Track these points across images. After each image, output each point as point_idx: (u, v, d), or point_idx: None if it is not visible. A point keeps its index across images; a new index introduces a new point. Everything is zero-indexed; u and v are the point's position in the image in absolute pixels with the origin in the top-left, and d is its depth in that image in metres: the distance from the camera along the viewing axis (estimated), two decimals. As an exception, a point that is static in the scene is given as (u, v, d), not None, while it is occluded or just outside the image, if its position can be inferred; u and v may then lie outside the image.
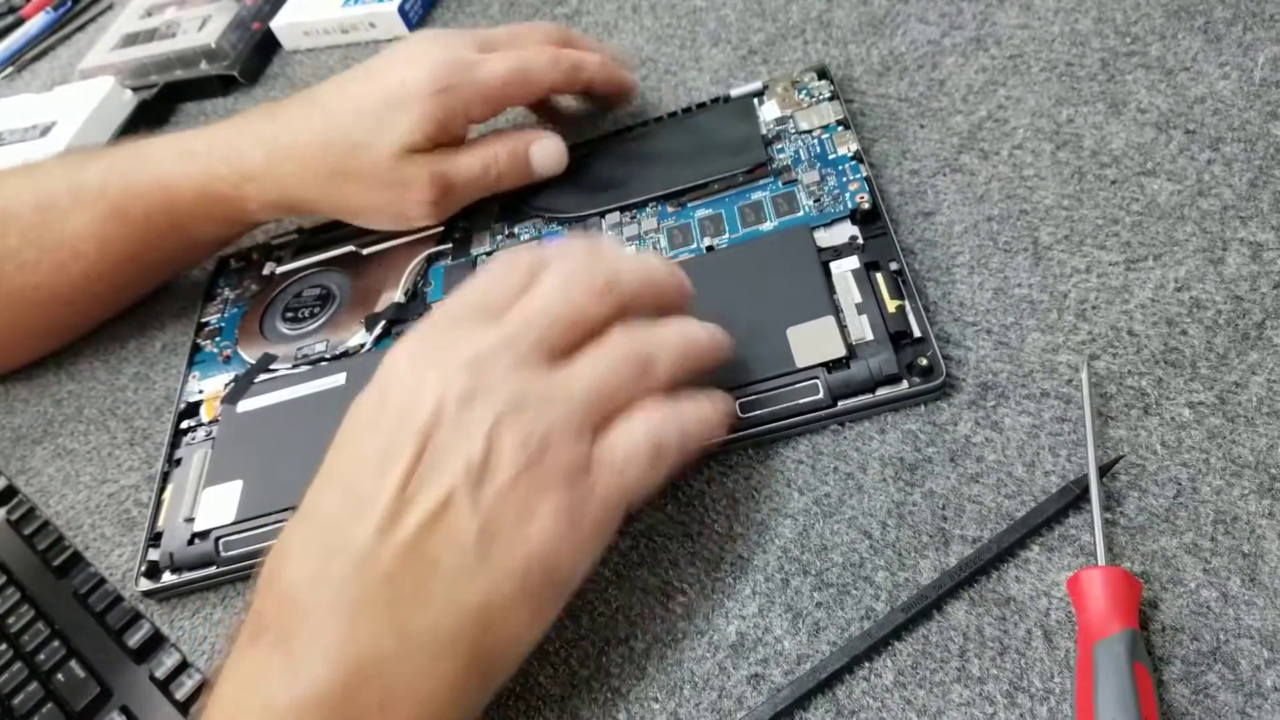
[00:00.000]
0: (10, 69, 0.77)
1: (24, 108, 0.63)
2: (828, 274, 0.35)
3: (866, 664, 0.27)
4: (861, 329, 0.33)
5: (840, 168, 0.39)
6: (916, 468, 0.30)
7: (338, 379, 0.39)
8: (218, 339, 0.44)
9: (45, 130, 0.59)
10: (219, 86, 0.63)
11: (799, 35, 0.47)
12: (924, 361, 0.31)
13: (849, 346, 0.32)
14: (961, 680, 0.26)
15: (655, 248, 0.39)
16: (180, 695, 0.34)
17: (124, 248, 0.44)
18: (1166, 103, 0.37)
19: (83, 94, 0.61)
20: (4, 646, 0.38)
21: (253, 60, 0.63)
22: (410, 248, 0.43)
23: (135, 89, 0.64)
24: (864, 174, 0.38)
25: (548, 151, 0.42)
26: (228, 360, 0.43)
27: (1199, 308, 0.31)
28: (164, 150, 0.43)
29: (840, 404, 0.32)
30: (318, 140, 0.40)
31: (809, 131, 0.41)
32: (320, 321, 0.42)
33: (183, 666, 0.34)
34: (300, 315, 0.42)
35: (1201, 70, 0.37)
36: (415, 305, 0.41)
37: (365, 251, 0.44)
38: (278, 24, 0.64)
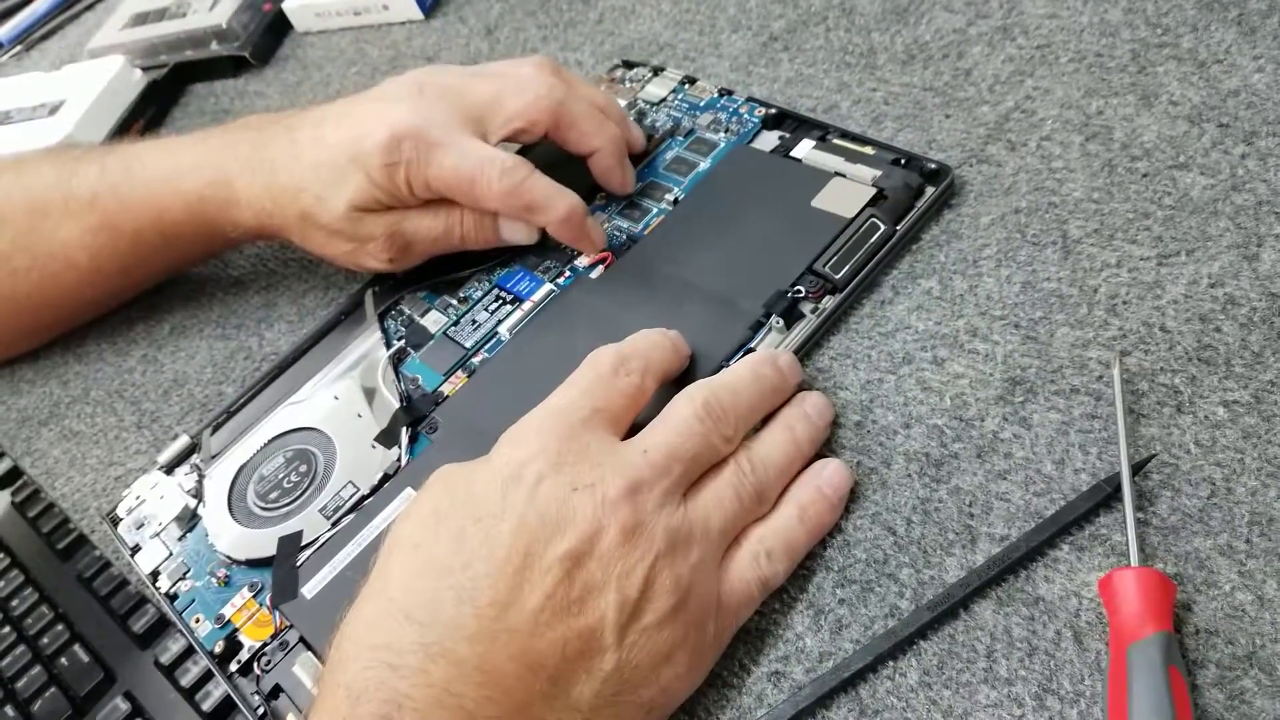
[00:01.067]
0: (19, 47, 0.77)
1: (32, 87, 0.62)
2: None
3: (891, 663, 0.26)
4: (864, 174, 0.36)
5: (720, 104, 0.43)
6: (942, 463, 0.30)
7: (406, 500, 0.33)
8: (189, 573, 0.35)
9: (54, 109, 0.59)
10: (230, 67, 0.62)
11: (821, 21, 0.46)
12: (932, 166, 0.36)
13: (875, 184, 0.36)
14: (989, 681, 0.25)
15: (619, 231, 0.39)
16: (185, 682, 0.33)
17: (116, 260, 0.43)
18: (1199, 95, 0.36)
19: (91, 73, 0.60)
20: (7, 630, 0.37)
21: (264, 41, 0.62)
22: (358, 364, 0.39)
23: (145, 69, 0.63)
24: (741, 98, 0.42)
25: (517, 225, 0.38)
26: (226, 582, 0.34)
27: (1233, 304, 0.30)
28: (154, 164, 0.42)
29: (899, 227, 0.35)
30: (290, 183, 0.38)
31: (664, 100, 0.44)
32: (316, 483, 0.35)
33: (188, 652, 0.34)
34: (286, 489, 0.36)
35: (1235, 63, 0.36)
36: (424, 400, 0.37)
37: (305, 398, 0.38)
38: (289, 5, 0.63)
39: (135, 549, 0.37)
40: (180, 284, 0.49)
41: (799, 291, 0.34)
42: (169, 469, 0.39)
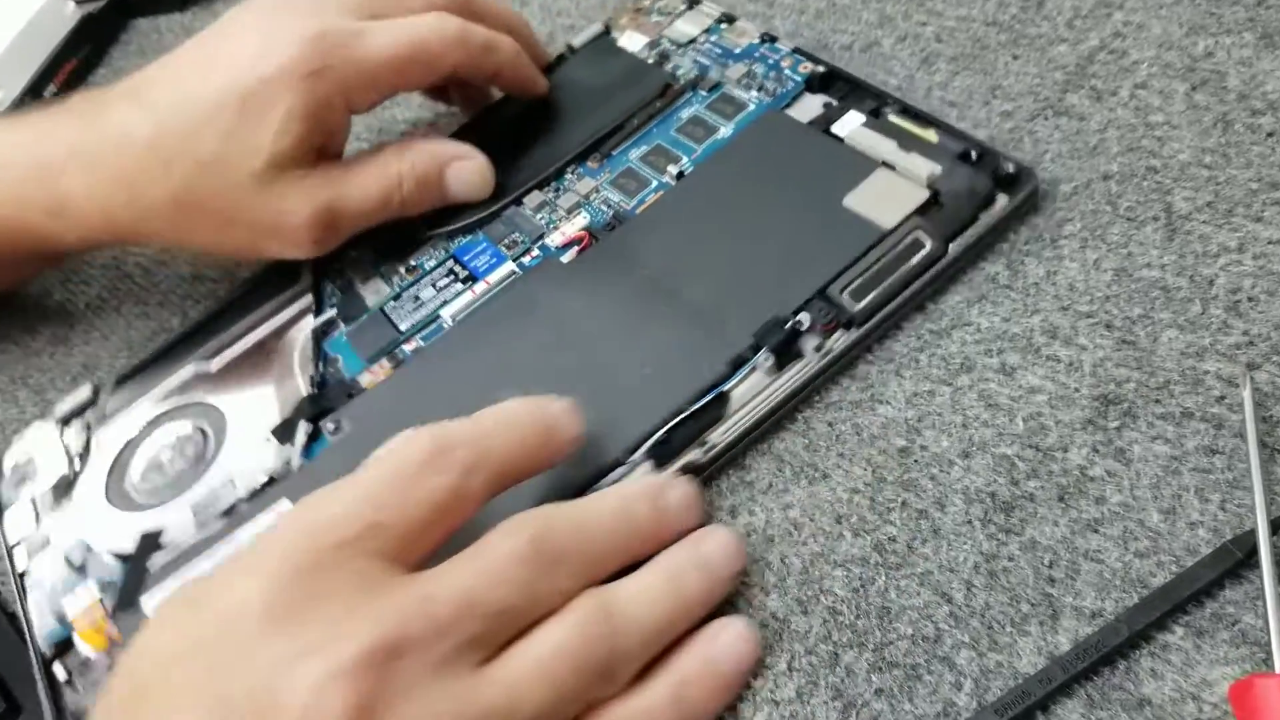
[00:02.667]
0: (-44, -21, 0.69)
1: (-46, 20, 0.55)
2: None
3: (945, 783, 0.20)
4: (919, 168, 0.28)
5: (758, 53, 0.35)
6: (1014, 507, 0.23)
7: (280, 511, 0.28)
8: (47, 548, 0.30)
9: (-27, 46, 0.52)
10: (177, 0, 0.55)
11: (857, -56, 0.38)
12: (1010, 169, 0.28)
13: (930, 184, 0.28)
14: (1078, 816, 0.19)
15: (607, 206, 0.32)
16: None
17: None
18: (1336, 33, 0.29)
19: (15, 6, 0.53)
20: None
21: (215, -30, 0.55)
22: (282, 333, 0.32)
23: (80, 1, 0.56)
24: (786, 48, 0.34)
25: (469, 174, 0.32)
26: (82, 571, 0.29)
27: (1396, 304, 0.23)
28: None
29: (952, 248, 0.27)
30: (149, 158, 0.30)
31: (694, 40, 0.36)
32: (199, 471, 0.30)
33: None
34: (166, 474, 0.30)
35: (1382, -8, 0.29)
36: (338, 389, 0.31)
37: (215, 367, 0.32)
38: (244, -72, 0.55)
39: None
40: (106, 251, 0.42)
41: (801, 322, 0.26)
42: (66, 420, 0.33)
